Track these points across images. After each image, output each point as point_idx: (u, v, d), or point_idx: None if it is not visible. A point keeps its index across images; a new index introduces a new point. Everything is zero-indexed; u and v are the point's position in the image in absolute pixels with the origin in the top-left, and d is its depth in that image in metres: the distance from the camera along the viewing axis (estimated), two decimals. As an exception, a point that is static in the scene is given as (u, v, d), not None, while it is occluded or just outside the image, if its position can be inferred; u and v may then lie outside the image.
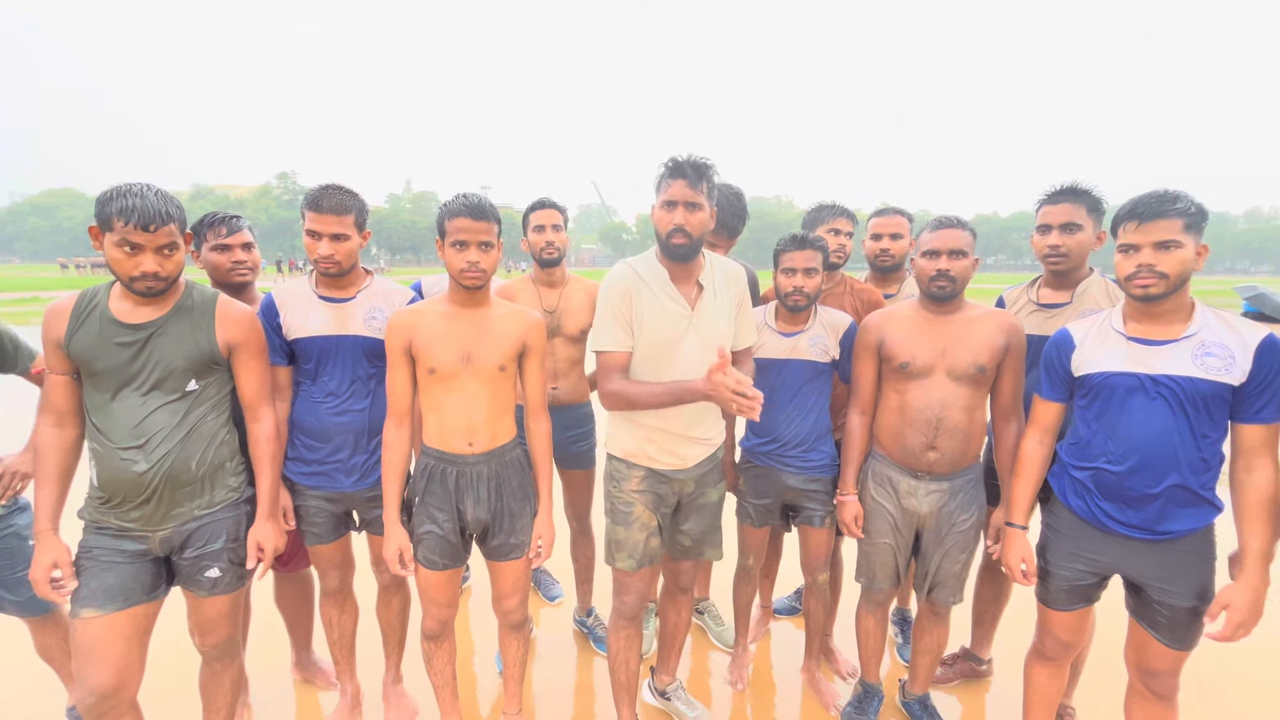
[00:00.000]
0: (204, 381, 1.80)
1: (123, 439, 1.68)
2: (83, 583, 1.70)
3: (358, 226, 2.02)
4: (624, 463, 2.08)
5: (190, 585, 1.83)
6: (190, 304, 1.78)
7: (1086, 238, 2.11)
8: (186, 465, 1.75)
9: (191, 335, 1.76)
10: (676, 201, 1.88)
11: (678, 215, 1.88)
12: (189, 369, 1.76)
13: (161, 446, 1.71)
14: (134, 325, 1.70)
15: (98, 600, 1.68)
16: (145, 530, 1.74)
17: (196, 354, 1.76)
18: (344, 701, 2.38)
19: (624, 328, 1.95)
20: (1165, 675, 1.79)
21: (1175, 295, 1.65)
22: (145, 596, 1.75)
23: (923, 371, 2.06)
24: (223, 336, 1.81)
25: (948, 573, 2.16)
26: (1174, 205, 1.61)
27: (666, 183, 1.89)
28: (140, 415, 1.70)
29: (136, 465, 1.68)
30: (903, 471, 2.14)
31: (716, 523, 2.21)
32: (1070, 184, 2.14)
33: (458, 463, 1.95)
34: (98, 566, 1.70)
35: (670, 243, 1.91)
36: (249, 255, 2.20)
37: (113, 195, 1.60)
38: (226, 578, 1.85)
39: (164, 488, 1.72)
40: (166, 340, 1.73)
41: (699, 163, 1.89)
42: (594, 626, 2.92)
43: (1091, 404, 1.79)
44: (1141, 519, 1.72)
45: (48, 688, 2.32)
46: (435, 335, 1.91)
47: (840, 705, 2.47)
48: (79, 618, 1.68)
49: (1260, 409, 1.62)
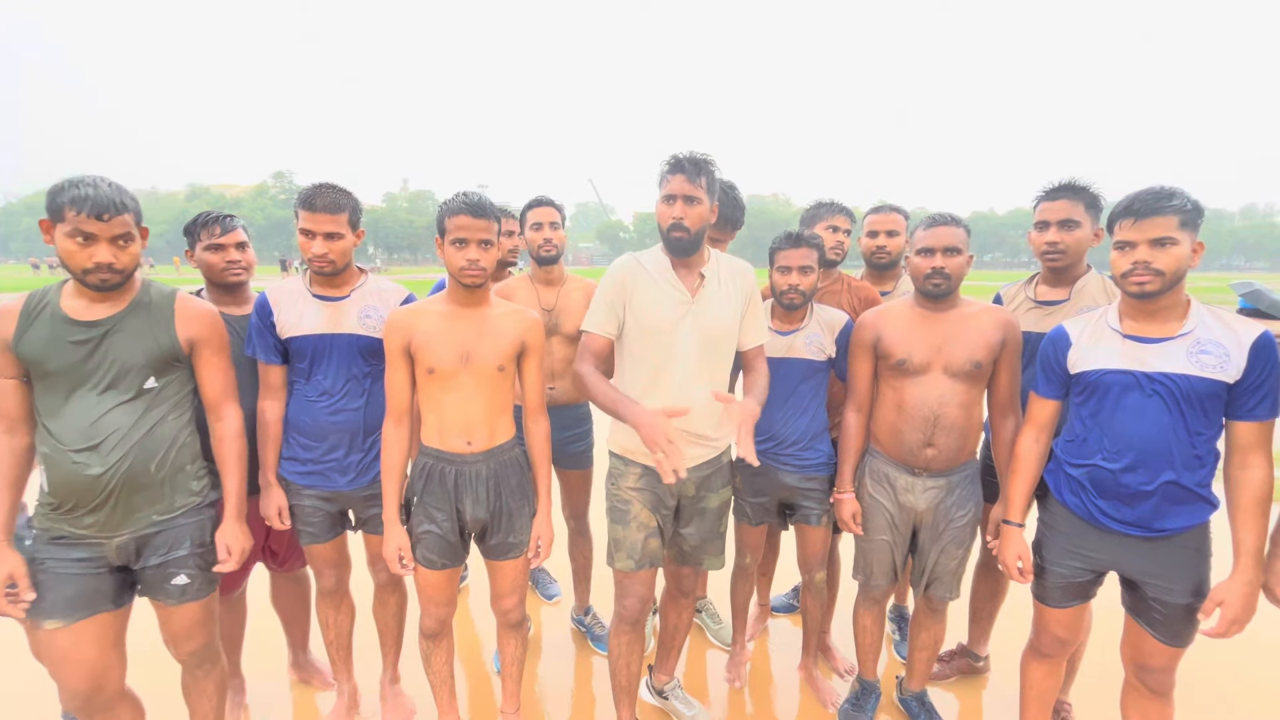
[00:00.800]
0: (163, 380, 1.75)
1: (75, 440, 1.63)
2: (40, 595, 1.64)
3: (351, 225, 2.01)
4: (622, 459, 2.08)
5: (158, 595, 1.79)
6: (148, 300, 1.73)
7: (1084, 234, 2.11)
8: (145, 468, 1.70)
9: (150, 331, 1.72)
10: (675, 196, 1.90)
11: (676, 209, 1.90)
12: (147, 366, 1.71)
13: (118, 448, 1.66)
14: (88, 323, 1.65)
15: (60, 611, 1.64)
16: (100, 537, 1.69)
17: (156, 351, 1.72)
18: (341, 702, 2.37)
19: (611, 315, 1.98)
20: (1161, 672, 1.79)
21: (1171, 293, 1.66)
22: (111, 605, 1.71)
23: (919, 369, 2.06)
24: (184, 333, 1.77)
25: (944, 568, 2.16)
26: (1170, 202, 1.61)
27: (666, 178, 1.92)
28: (94, 415, 1.64)
29: (90, 468, 1.63)
30: (900, 468, 2.15)
31: (718, 530, 2.18)
32: (1068, 180, 2.13)
33: (456, 462, 1.95)
34: (53, 579, 1.65)
35: (670, 236, 1.93)
36: (243, 255, 2.18)
37: (64, 186, 1.56)
38: (196, 584, 1.82)
39: (121, 491, 1.67)
40: (124, 337, 1.68)
41: (698, 158, 1.91)
42: (592, 625, 2.92)
43: (1087, 401, 1.79)
44: (1137, 516, 1.72)
45: (46, 688, 2.31)
46: (434, 334, 1.90)
47: (838, 703, 2.48)
48: (41, 629, 1.64)
49: (1254, 406, 1.63)
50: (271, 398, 2.08)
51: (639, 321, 1.97)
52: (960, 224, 2.02)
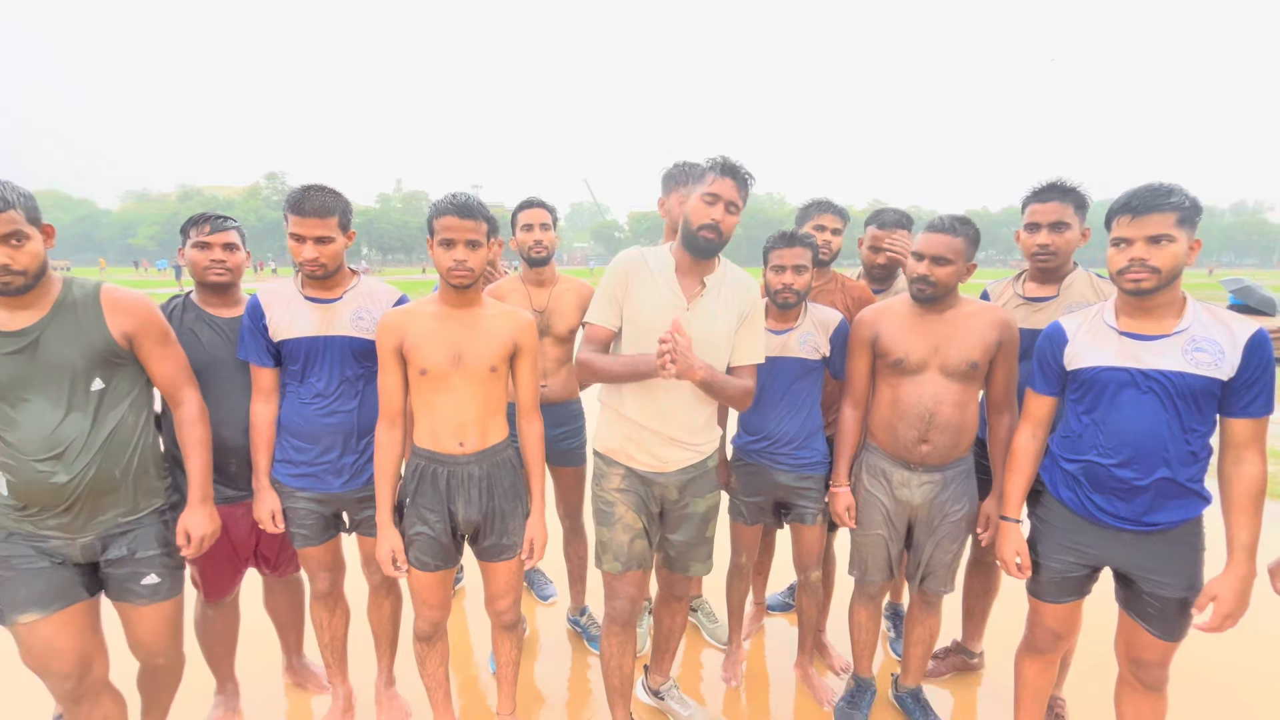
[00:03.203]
0: (111, 379, 1.71)
1: (36, 450, 1.60)
2: (10, 591, 1.63)
3: (342, 227, 1.99)
4: (605, 459, 2.07)
5: (127, 596, 1.78)
6: (71, 300, 1.67)
7: (1074, 235, 2.12)
8: (110, 473, 1.69)
9: (82, 332, 1.66)
10: (721, 198, 1.89)
11: (717, 211, 1.89)
12: (89, 368, 1.66)
13: (82, 455, 1.64)
14: (12, 333, 1.59)
15: (36, 604, 1.63)
16: (65, 536, 1.68)
17: (92, 351, 1.67)
18: (336, 705, 2.36)
19: (613, 306, 1.98)
20: (1155, 666, 1.80)
21: (1167, 290, 1.66)
22: (85, 593, 1.73)
23: (916, 367, 2.07)
24: (117, 328, 1.71)
25: (939, 563, 2.17)
26: (1168, 199, 1.61)
27: (715, 179, 1.89)
28: (51, 424, 1.61)
29: (55, 476, 1.61)
30: (896, 463, 2.15)
31: (703, 536, 2.17)
32: (1056, 181, 2.13)
33: (449, 463, 1.94)
34: (20, 575, 1.64)
35: (700, 235, 1.91)
36: (229, 255, 2.14)
37: None
38: (166, 583, 1.82)
39: (87, 497, 1.66)
40: (56, 342, 1.63)
41: (747, 172, 1.93)
42: (587, 626, 2.91)
43: (1083, 398, 1.80)
44: (1131, 511, 1.73)
45: (37, 693, 2.29)
46: (426, 336, 1.90)
47: (834, 701, 2.48)
48: (18, 624, 1.63)
49: (1248, 403, 1.63)
50: (264, 401, 2.06)
51: (633, 318, 1.97)
52: (959, 233, 1.99)
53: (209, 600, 2.24)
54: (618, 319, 2.00)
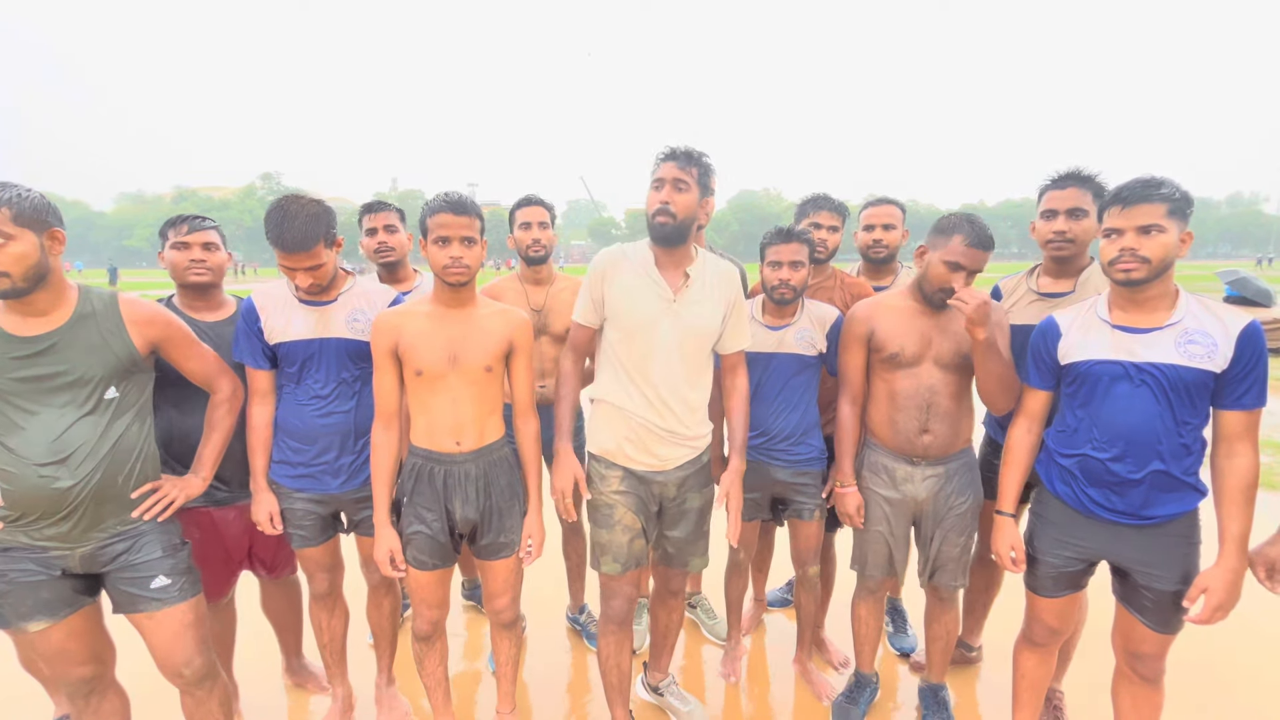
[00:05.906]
0: (124, 387, 1.72)
1: (40, 455, 1.59)
2: (14, 602, 1.63)
3: (327, 245, 1.95)
4: (602, 461, 2.07)
5: (139, 605, 1.74)
6: (91, 310, 1.67)
7: (1091, 224, 2.05)
8: (114, 480, 1.69)
9: (105, 343, 1.67)
10: (664, 180, 1.90)
11: (664, 193, 1.90)
12: (107, 377, 1.67)
13: (87, 462, 1.63)
14: (29, 338, 1.59)
15: (44, 612, 1.65)
16: (64, 547, 1.66)
17: (114, 361, 1.68)
18: (336, 705, 2.36)
19: (592, 304, 2.01)
20: (1151, 658, 1.81)
21: (1159, 282, 1.66)
22: (88, 598, 1.75)
23: (911, 361, 2.07)
24: (140, 338, 1.73)
25: (948, 556, 2.18)
26: (1158, 190, 1.62)
27: (657, 166, 1.93)
28: (59, 429, 1.61)
29: (59, 481, 1.60)
30: (898, 459, 2.16)
31: (700, 531, 2.18)
32: (1075, 169, 2.10)
33: (445, 462, 1.94)
34: (17, 589, 1.64)
35: (654, 221, 1.92)
36: (208, 255, 2.12)
37: None
38: (176, 585, 1.77)
39: (88, 503, 1.65)
40: (77, 351, 1.63)
41: (689, 150, 1.92)
42: (587, 624, 2.92)
43: (1077, 392, 1.80)
44: (1126, 505, 1.74)
45: (37, 693, 2.30)
46: (421, 336, 1.89)
47: (833, 696, 2.49)
48: (27, 632, 1.65)
49: (1241, 395, 1.64)
50: (260, 403, 2.06)
51: (617, 315, 1.97)
52: (990, 247, 1.98)
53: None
54: (597, 317, 2.02)
